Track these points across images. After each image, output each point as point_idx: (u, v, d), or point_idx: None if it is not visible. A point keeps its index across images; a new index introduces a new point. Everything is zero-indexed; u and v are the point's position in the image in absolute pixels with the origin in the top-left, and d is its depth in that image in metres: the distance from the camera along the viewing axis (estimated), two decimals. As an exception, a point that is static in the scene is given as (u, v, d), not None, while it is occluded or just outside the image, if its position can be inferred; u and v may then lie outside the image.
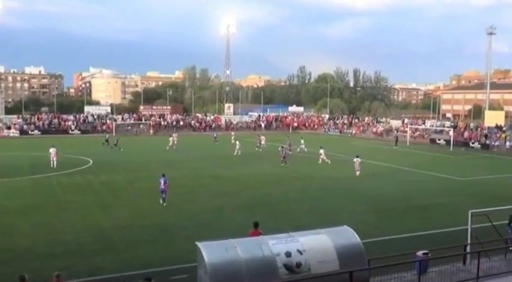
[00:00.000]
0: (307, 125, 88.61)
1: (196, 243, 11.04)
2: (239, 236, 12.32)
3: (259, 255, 10.86)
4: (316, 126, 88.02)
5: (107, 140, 53.80)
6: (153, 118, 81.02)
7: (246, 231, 15.08)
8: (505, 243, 17.12)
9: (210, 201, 25.63)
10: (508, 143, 57.28)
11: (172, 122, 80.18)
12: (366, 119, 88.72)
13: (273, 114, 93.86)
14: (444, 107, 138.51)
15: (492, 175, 36.92)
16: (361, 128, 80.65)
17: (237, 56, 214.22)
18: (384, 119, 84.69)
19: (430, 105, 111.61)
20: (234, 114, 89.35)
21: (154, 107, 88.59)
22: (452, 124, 72.99)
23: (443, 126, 72.29)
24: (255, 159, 43.83)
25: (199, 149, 52.48)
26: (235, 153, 46.87)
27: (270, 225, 19.18)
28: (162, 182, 24.27)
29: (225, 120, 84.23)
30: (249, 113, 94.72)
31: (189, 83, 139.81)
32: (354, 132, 78.25)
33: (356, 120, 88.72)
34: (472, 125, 69.71)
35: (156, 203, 24.48)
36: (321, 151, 42.13)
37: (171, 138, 52.37)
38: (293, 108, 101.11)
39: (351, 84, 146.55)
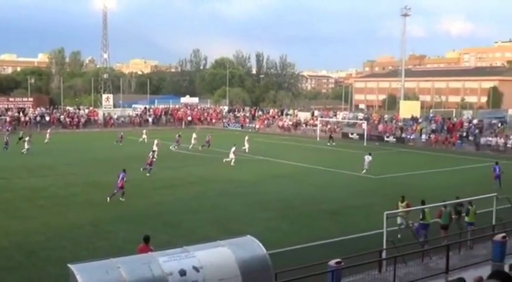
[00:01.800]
0: (203, 118, 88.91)
1: (69, 265, 10.60)
2: (124, 254, 12.07)
3: (148, 275, 10.71)
4: (213, 120, 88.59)
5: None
6: (10, 113, 76.50)
7: (132, 248, 14.84)
8: (421, 246, 18.52)
9: (85, 213, 24.83)
10: (424, 136, 61.77)
11: (35, 117, 76.25)
12: (271, 111, 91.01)
13: (162, 106, 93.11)
14: (357, 96, 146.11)
15: (408, 172, 39.58)
16: (266, 121, 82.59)
17: (117, 36, 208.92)
18: (291, 111, 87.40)
19: (341, 94, 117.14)
20: (115, 106, 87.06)
21: (11, 99, 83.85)
22: (366, 116, 77.19)
23: (356, 118, 76.20)
24: (143, 161, 43.18)
25: (76, 150, 50.47)
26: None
27: (161, 239, 19.02)
28: (120, 178, 27.41)
29: (103, 115, 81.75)
30: (133, 106, 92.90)
31: (56, 69, 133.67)
32: (257, 126, 79.88)
33: (260, 112, 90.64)
34: (386, 116, 74.19)
35: (16, 218, 23.24)
36: (233, 149, 42.47)
37: (27, 139, 49.03)
38: (186, 99, 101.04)
39: (253, 71, 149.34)
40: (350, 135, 65.46)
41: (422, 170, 40.11)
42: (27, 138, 48.46)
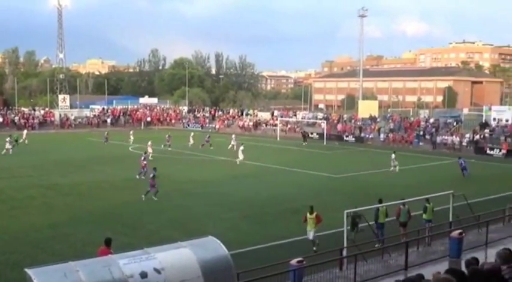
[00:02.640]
0: (162, 119, 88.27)
1: (26, 270, 10.36)
2: (83, 257, 11.88)
3: (108, 278, 10.56)
4: (173, 121, 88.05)
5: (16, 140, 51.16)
6: (-39, 114, 74.27)
7: (92, 251, 14.63)
8: (380, 243, 18.84)
9: (43, 216, 24.36)
10: (382, 135, 62.78)
11: (-12, 118, 74.25)
12: (231, 111, 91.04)
13: (121, 107, 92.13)
14: (316, 96, 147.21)
15: (368, 170, 40.16)
16: (226, 121, 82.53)
17: (73, 36, 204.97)
18: (251, 111, 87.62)
19: (301, 94, 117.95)
20: (71, 107, 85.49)
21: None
22: (325, 116, 77.98)
23: (316, 118, 76.89)
24: (106, 162, 42.62)
25: (32, 152, 49.35)
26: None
27: (121, 241, 18.81)
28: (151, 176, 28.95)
29: (60, 116, 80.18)
30: (91, 106, 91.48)
31: (10, 69, 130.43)
32: (217, 126, 79.75)
33: (220, 112, 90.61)
34: (345, 116, 75.15)
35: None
36: (242, 148, 43.16)
37: (8, 139, 48.51)
38: (145, 100, 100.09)
39: (213, 71, 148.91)
40: (310, 135, 66.02)
41: (381, 169, 40.75)
42: (7, 139, 48.07)
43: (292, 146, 57.17)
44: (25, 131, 60.25)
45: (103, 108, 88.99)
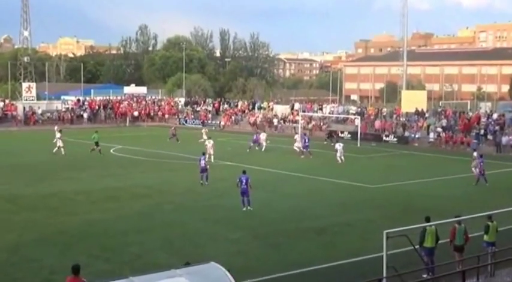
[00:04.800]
0: (153, 113, 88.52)
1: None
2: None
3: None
4: (166, 116, 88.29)
5: None
6: None
7: (62, 280, 14.58)
8: (430, 272, 18.65)
9: (1, 237, 24.37)
10: (431, 135, 62.49)
11: None
12: (240, 104, 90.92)
13: (101, 98, 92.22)
14: (348, 85, 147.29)
15: (412, 179, 39.90)
16: (233, 117, 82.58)
17: (41, 9, 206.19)
18: (265, 104, 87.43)
19: (328, 83, 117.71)
20: (39, 99, 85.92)
21: None
22: (359, 110, 77.67)
23: (348, 113, 76.59)
24: (82, 168, 42.87)
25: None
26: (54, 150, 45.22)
27: (99, 267, 18.77)
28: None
29: (24, 109, 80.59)
30: (63, 98, 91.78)
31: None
32: (222, 123, 79.82)
33: (226, 106, 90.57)
34: (385, 110, 74.79)
35: None
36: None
37: None
38: (131, 89, 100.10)
39: (217, 54, 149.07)
40: (340, 134, 65.78)
41: (429, 178, 40.45)
42: None
43: (316, 147, 56.99)
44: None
45: (78, 100, 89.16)
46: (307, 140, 51.42)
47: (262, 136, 56.48)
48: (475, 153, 41.63)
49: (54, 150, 49.13)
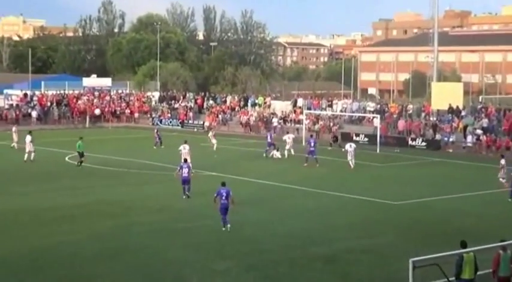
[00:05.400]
0: (119, 112, 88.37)
1: None
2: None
3: None
4: (137, 115, 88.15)
5: None
6: None
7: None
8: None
9: None
10: (469, 139, 62.48)
11: None
12: (229, 99, 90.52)
13: (54, 92, 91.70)
14: (364, 76, 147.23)
15: (444, 195, 39.76)
16: (221, 116, 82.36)
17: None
18: (260, 100, 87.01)
19: (340, 73, 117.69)
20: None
21: None
22: (379, 107, 77.50)
23: (364, 110, 76.39)
24: (29, 181, 42.82)
25: None
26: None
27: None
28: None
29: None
30: (6, 92, 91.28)
31: None
32: (207, 123, 79.48)
33: (211, 102, 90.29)
34: (411, 107, 74.59)
35: None
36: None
37: None
38: (92, 81, 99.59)
39: (201, 36, 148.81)
40: (355, 137, 65.65)
41: (465, 192, 40.46)
42: None
43: (325, 154, 56.93)
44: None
45: (25, 95, 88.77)
46: (312, 144, 51.31)
47: (288, 138, 56.42)
48: (502, 161, 41.60)
49: (25, 158, 49.88)
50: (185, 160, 39.18)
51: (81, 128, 79.50)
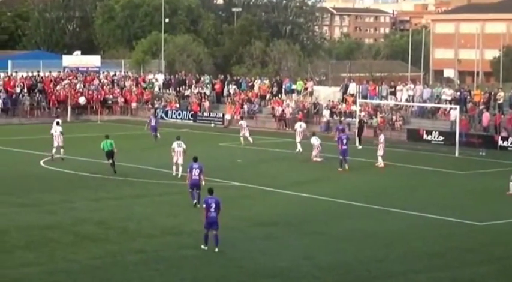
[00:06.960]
0: (111, 101, 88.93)
1: None
2: None
3: None
4: (134, 105, 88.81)
5: None
6: None
7: None
8: None
9: None
10: None
11: None
12: (257, 84, 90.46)
13: (24, 74, 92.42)
14: (438, 53, 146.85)
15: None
16: (246, 106, 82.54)
17: None
18: (299, 84, 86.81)
19: (407, 50, 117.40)
20: None
21: None
22: (459, 95, 77.05)
23: (439, 99, 75.99)
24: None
25: None
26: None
27: None
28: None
29: None
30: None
31: None
32: (228, 117, 79.95)
33: (233, 87, 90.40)
34: (501, 95, 74.11)
35: None
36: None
37: None
38: (74, 60, 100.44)
39: (220, 0, 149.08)
40: (425, 136, 65.45)
41: None
42: None
43: (388, 159, 56.63)
44: None
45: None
46: (345, 141, 51.80)
47: (316, 140, 55.74)
48: None
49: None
50: (195, 159, 38.94)
51: (61, 122, 79.98)
